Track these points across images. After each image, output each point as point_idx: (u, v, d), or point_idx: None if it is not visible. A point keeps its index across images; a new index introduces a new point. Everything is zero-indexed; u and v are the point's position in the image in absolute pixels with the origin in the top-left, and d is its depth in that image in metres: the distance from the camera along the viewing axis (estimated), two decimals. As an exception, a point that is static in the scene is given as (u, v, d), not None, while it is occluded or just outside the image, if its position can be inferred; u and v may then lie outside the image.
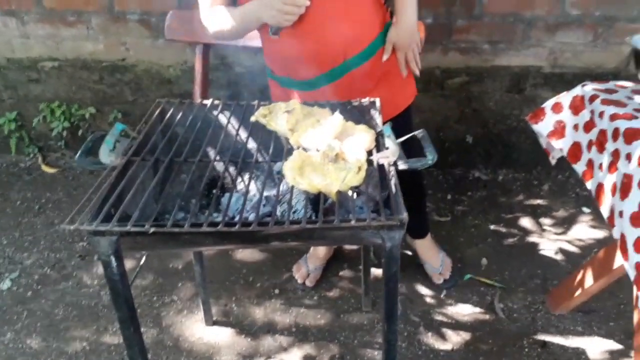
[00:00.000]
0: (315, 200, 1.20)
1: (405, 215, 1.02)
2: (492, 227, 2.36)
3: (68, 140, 2.88)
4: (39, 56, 2.67)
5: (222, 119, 1.41)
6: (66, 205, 2.58)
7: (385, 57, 1.62)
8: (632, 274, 1.25)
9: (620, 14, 2.28)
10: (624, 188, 1.30)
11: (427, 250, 2.09)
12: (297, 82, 1.62)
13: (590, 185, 1.50)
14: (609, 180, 1.39)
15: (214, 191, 1.32)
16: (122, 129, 1.25)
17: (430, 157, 1.17)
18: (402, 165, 1.17)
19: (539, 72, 2.45)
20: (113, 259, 1.05)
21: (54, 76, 2.72)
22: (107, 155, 1.17)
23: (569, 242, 2.28)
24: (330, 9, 1.48)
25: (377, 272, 2.12)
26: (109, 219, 1.02)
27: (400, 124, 1.51)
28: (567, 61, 2.42)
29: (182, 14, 2.31)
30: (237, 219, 1.15)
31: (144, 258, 1.48)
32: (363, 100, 1.45)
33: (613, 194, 1.37)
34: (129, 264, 2.03)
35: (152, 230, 0.99)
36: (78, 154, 1.18)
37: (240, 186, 1.37)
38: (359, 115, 1.41)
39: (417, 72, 1.70)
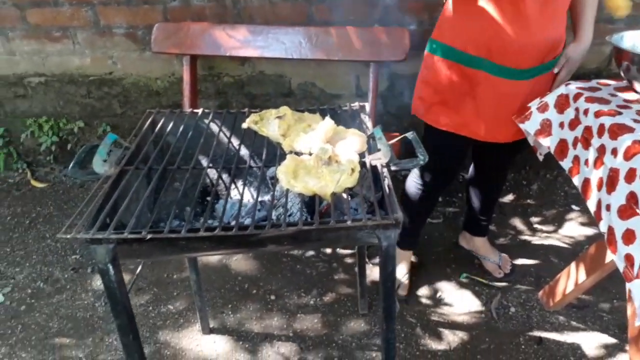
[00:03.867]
0: (310, 203, 1.21)
1: (400, 214, 1.03)
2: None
3: (57, 154, 2.86)
4: (25, 72, 2.67)
5: (214, 127, 1.42)
6: (57, 219, 2.57)
7: (556, 70, 1.68)
8: (621, 266, 1.28)
9: (599, 15, 2.32)
10: (611, 182, 1.32)
11: (486, 246, 2.18)
12: (492, 64, 1.61)
13: (576, 180, 1.53)
14: (595, 175, 1.42)
15: (209, 198, 1.34)
16: (114, 139, 1.25)
17: (422, 158, 1.20)
18: (394, 167, 1.19)
19: (523, 73, 2.48)
20: (110, 266, 1.06)
21: (41, 91, 2.71)
22: (100, 165, 1.17)
23: (559, 239, 2.31)
24: (553, 12, 1.56)
25: (371, 274, 2.14)
26: (105, 227, 1.02)
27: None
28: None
29: (168, 26, 2.33)
30: (233, 224, 1.16)
31: (139, 268, 1.47)
32: (353, 104, 1.48)
33: (599, 188, 1.39)
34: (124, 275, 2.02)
35: (149, 236, 1.00)
36: (71, 165, 1.18)
37: (235, 192, 1.38)
38: (349, 119, 1.43)
39: None
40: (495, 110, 1.68)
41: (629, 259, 1.24)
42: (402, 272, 2.07)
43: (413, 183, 1.92)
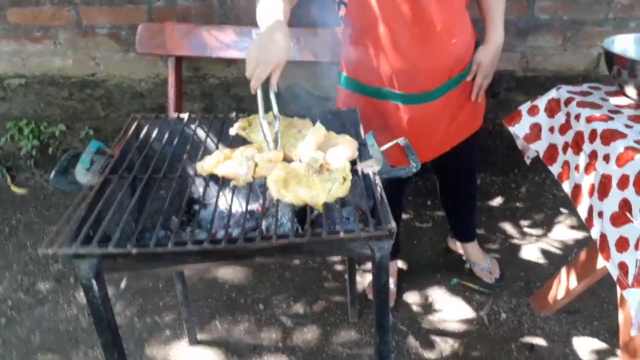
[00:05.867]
0: (301, 212, 1.18)
1: (393, 225, 1.00)
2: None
3: (38, 159, 2.79)
4: (4, 73, 2.60)
5: (201, 133, 1.38)
6: (38, 227, 2.50)
7: (469, 78, 1.64)
8: (614, 274, 1.26)
9: (587, 18, 2.33)
10: (603, 188, 1.31)
11: (476, 252, 2.14)
12: (398, 94, 1.57)
13: (566, 186, 1.52)
14: (587, 181, 1.41)
15: (196, 207, 1.30)
16: (97, 146, 1.20)
17: (414, 165, 1.17)
18: (386, 174, 1.16)
19: (512, 75, 2.49)
20: (94, 282, 1.01)
21: (21, 93, 2.64)
22: (83, 175, 1.13)
23: (549, 243, 2.30)
24: (454, 21, 1.50)
25: (362, 281, 2.11)
26: (88, 240, 0.98)
27: (472, 142, 1.74)
28: (539, 65, 2.46)
29: (152, 27, 2.28)
30: (221, 234, 1.12)
31: (124, 281, 1.42)
32: (343, 109, 1.45)
33: (591, 194, 1.38)
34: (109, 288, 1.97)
35: (135, 251, 0.96)
36: (53, 174, 1.14)
37: (222, 201, 1.34)
38: (340, 124, 1.40)
39: (480, 99, 1.72)
40: (409, 136, 1.60)
41: (622, 267, 1.23)
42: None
43: None
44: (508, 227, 2.41)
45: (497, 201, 2.60)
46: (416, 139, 1.60)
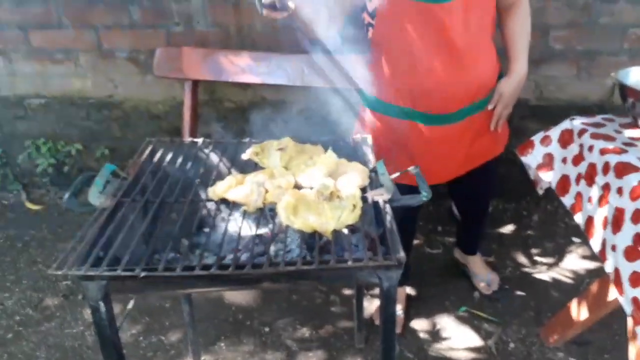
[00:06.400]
0: (310, 239, 1.19)
1: (402, 255, 1.00)
2: (483, 258, 2.35)
3: (53, 177, 2.83)
4: (26, 93, 2.66)
5: (214, 157, 1.40)
6: (50, 244, 2.52)
7: (490, 107, 1.65)
8: (628, 309, 1.25)
9: (602, 48, 2.34)
10: (616, 222, 1.30)
11: (477, 264, 2.20)
12: (420, 114, 1.60)
13: (579, 218, 1.51)
14: (600, 213, 1.39)
15: (206, 230, 1.31)
16: (112, 169, 1.23)
17: (425, 194, 1.17)
18: (396, 203, 1.17)
19: (525, 104, 2.49)
20: (102, 304, 1.02)
21: (41, 113, 2.70)
22: (96, 197, 1.15)
23: (560, 272, 2.27)
24: (478, 49, 1.54)
25: (369, 306, 2.09)
26: (98, 263, 0.99)
27: (490, 165, 1.78)
28: (552, 94, 2.46)
29: (170, 51, 2.33)
30: (229, 258, 1.13)
31: (131, 302, 1.43)
32: (355, 137, 1.46)
33: (604, 227, 1.37)
34: (115, 306, 1.98)
35: (142, 274, 0.97)
36: (67, 196, 1.16)
37: (233, 225, 1.35)
38: (351, 151, 1.41)
39: (499, 129, 1.74)
40: (429, 157, 1.65)
41: (636, 302, 1.21)
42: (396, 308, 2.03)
43: None
44: (519, 255, 2.38)
45: (508, 228, 2.57)
46: (436, 160, 1.66)
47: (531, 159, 1.69)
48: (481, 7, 1.51)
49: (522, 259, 2.37)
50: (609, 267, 1.34)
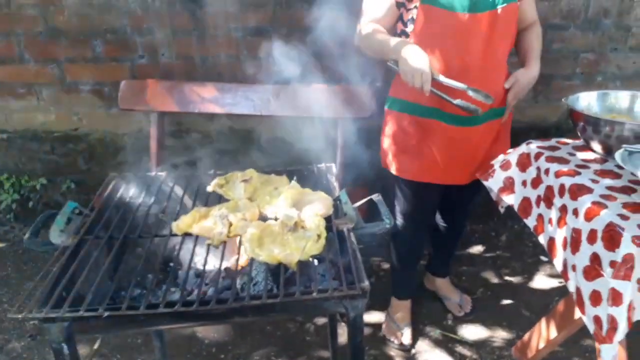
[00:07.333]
0: (276, 270, 1.19)
1: (366, 284, 1.01)
2: (454, 280, 2.38)
3: (18, 212, 2.77)
4: (-13, 128, 2.61)
5: (178, 190, 1.40)
6: (15, 282, 2.45)
7: (507, 85, 1.72)
8: (591, 328, 1.27)
9: (556, 72, 2.43)
10: (574, 242, 1.34)
11: (448, 287, 2.27)
12: (443, 113, 1.69)
13: (542, 239, 1.54)
14: (560, 234, 1.43)
15: (171, 265, 1.30)
16: (73, 207, 1.21)
17: (387, 222, 1.19)
18: (360, 230, 1.18)
19: (487, 128, 2.55)
20: (65, 346, 1.00)
21: (3, 148, 2.65)
22: (57, 236, 1.13)
23: (530, 291, 2.31)
24: (497, 60, 1.68)
25: (344, 333, 2.08)
26: (60, 304, 0.98)
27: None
28: (513, 117, 2.52)
29: (135, 83, 2.32)
30: (195, 293, 1.12)
31: (97, 342, 1.40)
32: (320, 165, 1.48)
33: (564, 248, 1.41)
34: (82, 347, 1.92)
35: (106, 314, 0.95)
36: (27, 235, 1.14)
37: (198, 259, 1.34)
38: (316, 180, 1.42)
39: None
40: (450, 155, 1.76)
41: (597, 320, 1.24)
42: (404, 321, 2.09)
43: (396, 226, 1.95)
44: (490, 276, 2.42)
45: (477, 249, 2.62)
46: (456, 160, 1.77)
47: (493, 183, 1.73)
48: (507, 24, 1.65)
49: (492, 278, 2.40)
50: (571, 287, 1.37)
